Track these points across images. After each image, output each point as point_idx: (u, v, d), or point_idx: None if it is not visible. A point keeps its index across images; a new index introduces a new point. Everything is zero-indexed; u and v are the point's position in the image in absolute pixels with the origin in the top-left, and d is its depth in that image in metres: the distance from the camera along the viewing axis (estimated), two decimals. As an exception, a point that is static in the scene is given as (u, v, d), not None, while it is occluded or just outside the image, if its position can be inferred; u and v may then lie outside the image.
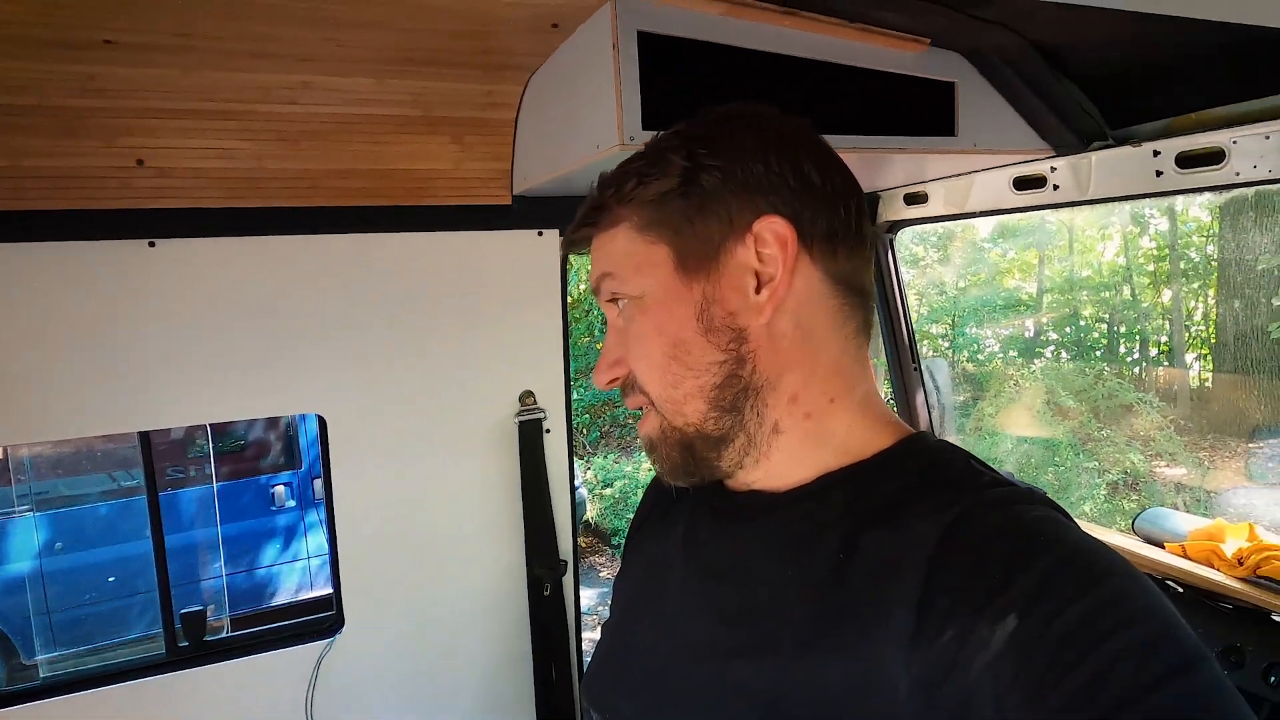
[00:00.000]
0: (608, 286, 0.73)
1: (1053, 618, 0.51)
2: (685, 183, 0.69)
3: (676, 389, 0.70)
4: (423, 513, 1.74)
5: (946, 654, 0.55)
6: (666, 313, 0.70)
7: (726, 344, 0.69)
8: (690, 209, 0.69)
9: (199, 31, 1.17)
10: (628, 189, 0.71)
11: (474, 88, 1.47)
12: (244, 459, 5.80)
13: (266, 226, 1.52)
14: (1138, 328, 10.46)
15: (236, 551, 5.43)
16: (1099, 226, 10.61)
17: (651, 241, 0.70)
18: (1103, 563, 0.55)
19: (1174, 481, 7.43)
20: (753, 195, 0.68)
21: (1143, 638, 0.49)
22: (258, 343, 1.56)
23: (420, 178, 1.59)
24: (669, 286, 0.70)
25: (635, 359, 0.73)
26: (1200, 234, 9.95)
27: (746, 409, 0.70)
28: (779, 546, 0.70)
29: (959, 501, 0.61)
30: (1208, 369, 9.24)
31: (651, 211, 0.70)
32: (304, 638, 1.67)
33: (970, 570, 0.57)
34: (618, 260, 0.72)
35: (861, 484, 0.69)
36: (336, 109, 1.43)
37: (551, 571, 1.81)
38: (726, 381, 0.69)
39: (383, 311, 1.66)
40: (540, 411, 1.80)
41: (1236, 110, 1.31)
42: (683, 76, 1.19)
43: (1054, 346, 10.99)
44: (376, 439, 1.68)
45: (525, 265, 1.75)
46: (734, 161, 0.69)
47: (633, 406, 0.75)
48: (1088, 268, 11.23)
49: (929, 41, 1.35)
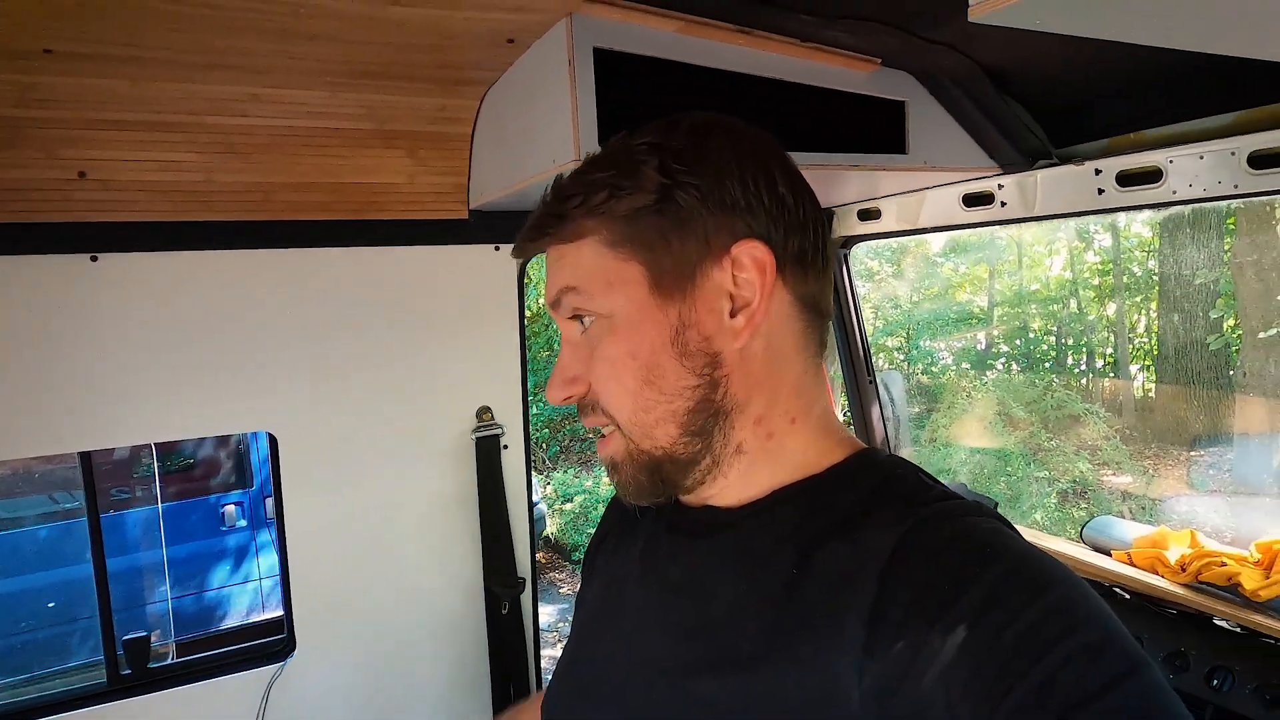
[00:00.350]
0: (571, 302, 0.70)
1: (1002, 628, 0.52)
2: (662, 199, 0.66)
3: (648, 414, 0.68)
4: (377, 532, 1.71)
5: (898, 665, 0.56)
6: (640, 335, 0.67)
7: (701, 368, 0.67)
8: (666, 227, 0.66)
9: (145, 42, 1.14)
10: (598, 200, 0.67)
11: (429, 101, 1.46)
12: (193, 478, 5.66)
13: (215, 241, 1.48)
14: (1084, 340, 10.77)
15: (184, 574, 5.27)
16: (1046, 242, 10.92)
17: (623, 258, 0.67)
18: (1048, 572, 0.56)
19: (1120, 489, 7.63)
20: (730, 216, 0.67)
21: (1086, 643, 0.51)
22: (206, 360, 1.52)
23: (374, 192, 1.57)
24: (643, 307, 0.67)
25: (602, 380, 0.70)
26: (1142, 249, 10.29)
27: (715, 432, 0.69)
28: (734, 561, 0.71)
29: (911, 515, 0.62)
30: (1151, 380, 9.54)
31: (624, 227, 0.67)
32: (253, 662, 1.62)
33: (921, 582, 0.58)
34: (584, 275, 0.69)
35: (814, 498, 0.69)
36: (288, 121, 1.41)
37: (510, 589, 1.79)
38: (699, 406, 0.68)
39: (336, 327, 1.63)
40: (498, 428, 1.79)
41: (1172, 131, 1.36)
42: (638, 93, 1.20)
43: (1005, 359, 11.26)
44: (329, 457, 1.65)
45: (482, 280, 1.74)
46: (712, 180, 0.67)
47: (592, 425, 0.73)
48: (1036, 282, 11.54)
49: (880, 61, 1.38)
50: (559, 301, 0.71)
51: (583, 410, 0.73)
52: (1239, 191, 1.27)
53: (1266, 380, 7.13)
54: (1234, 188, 1.27)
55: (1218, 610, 1.44)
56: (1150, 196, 1.39)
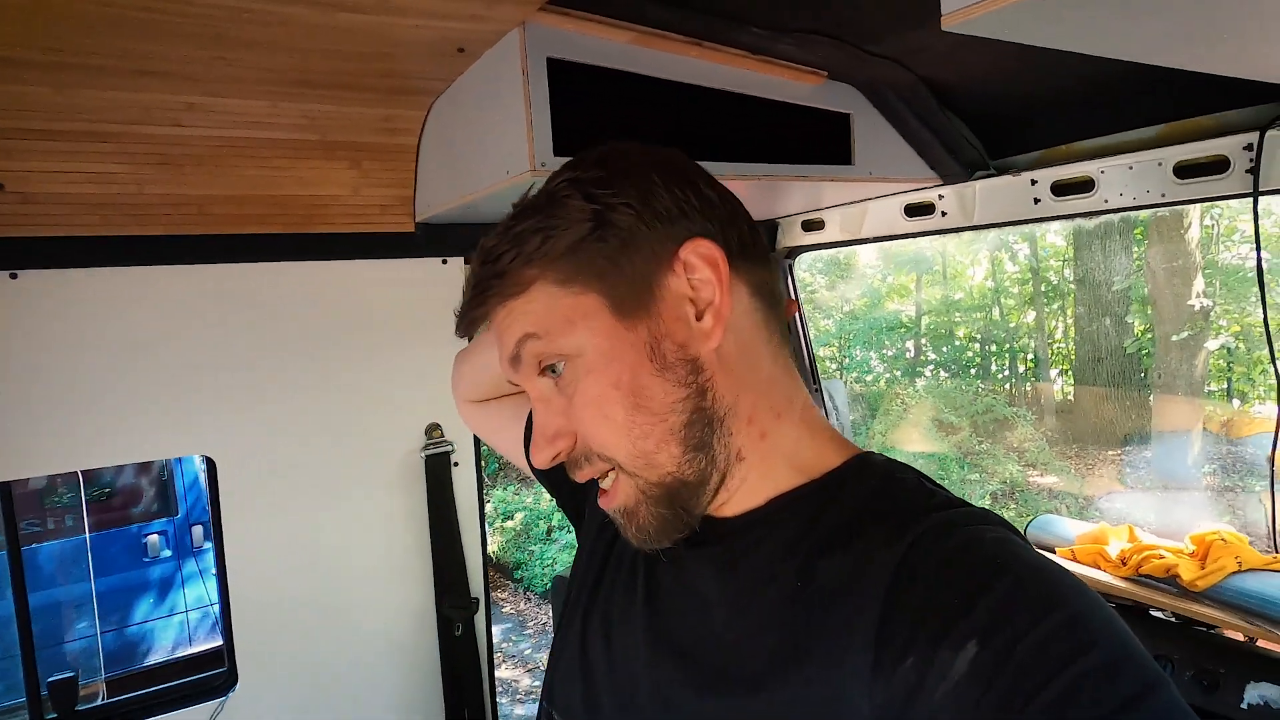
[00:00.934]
0: (533, 350, 0.67)
1: (1014, 643, 0.51)
2: (597, 225, 0.65)
3: (647, 439, 0.66)
4: (323, 556, 1.65)
5: (908, 682, 0.54)
6: (617, 363, 0.65)
7: (685, 378, 0.66)
8: (612, 251, 0.65)
9: (71, 46, 1.08)
10: (531, 247, 0.65)
11: (373, 112, 1.43)
12: (112, 508, 5.38)
13: (147, 256, 1.41)
14: (1007, 346, 11.19)
15: (107, 608, 4.99)
16: (969, 252, 11.33)
17: (577, 293, 0.65)
18: (1060, 585, 0.55)
19: (1046, 488, 7.94)
20: (669, 224, 0.66)
21: (1103, 662, 0.49)
22: (138, 382, 1.44)
23: (316, 204, 1.52)
24: (611, 334, 0.65)
25: (591, 424, 0.67)
26: (1057, 258, 10.76)
27: (715, 442, 0.67)
28: (734, 576, 0.69)
29: (914, 525, 0.61)
30: (1070, 383, 9.97)
31: (568, 263, 0.65)
32: (192, 699, 1.53)
33: (928, 596, 0.56)
34: (540, 319, 0.66)
35: (814, 507, 0.68)
36: (225, 132, 1.36)
37: (463, 611, 1.75)
38: (693, 417, 0.66)
39: (277, 345, 1.57)
40: (448, 444, 1.74)
41: (1101, 143, 1.42)
42: (592, 103, 1.20)
43: (934, 365, 11.62)
44: (271, 481, 1.58)
45: (430, 294, 1.70)
46: (640, 195, 0.66)
47: (586, 478, 0.70)
48: (960, 290, 11.96)
49: (826, 75, 1.41)
50: (518, 355, 0.68)
51: (574, 465, 0.70)
52: (1166, 200, 1.33)
53: (1179, 380, 7.53)
54: (1161, 196, 1.34)
55: (1155, 601, 1.49)
56: (1083, 205, 1.45)
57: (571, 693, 0.80)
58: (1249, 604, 1.38)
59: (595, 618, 0.81)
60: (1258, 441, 7.30)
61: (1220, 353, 7.96)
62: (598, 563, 0.85)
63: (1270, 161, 1.20)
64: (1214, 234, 8.11)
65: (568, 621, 0.85)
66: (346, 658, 1.68)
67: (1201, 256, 7.63)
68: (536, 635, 6.43)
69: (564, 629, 0.85)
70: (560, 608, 2.05)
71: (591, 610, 0.82)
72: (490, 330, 0.72)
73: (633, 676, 0.73)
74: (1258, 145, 1.20)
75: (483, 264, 0.69)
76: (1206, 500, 7.01)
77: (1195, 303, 7.39)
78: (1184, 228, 7.32)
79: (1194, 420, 7.54)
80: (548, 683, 0.84)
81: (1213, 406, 7.90)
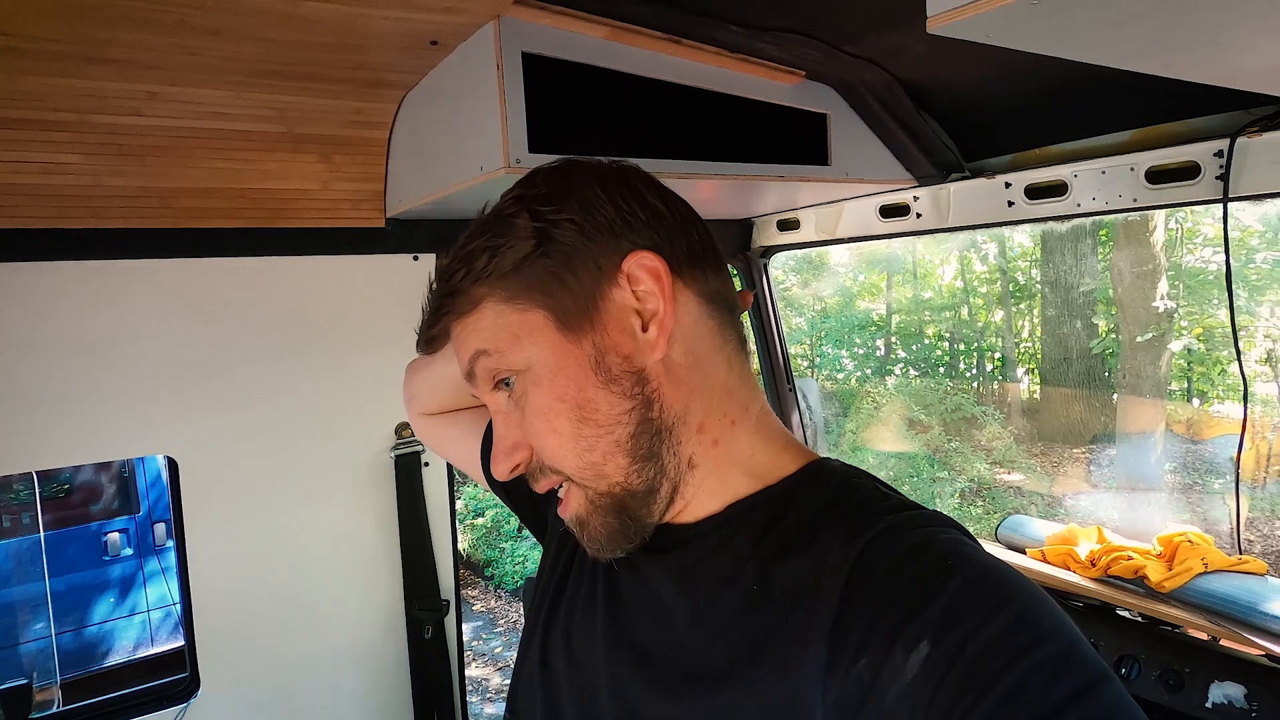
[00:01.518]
0: (485, 366, 0.68)
1: (964, 642, 0.52)
2: (541, 242, 0.66)
3: (593, 451, 0.66)
4: (289, 558, 1.61)
5: (861, 682, 0.55)
6: (563, 377, 0.66)
7: (630, 390, 0.66)
8: (555, 266, 0.66)
9: (23, 31, 1.04)
10: (479, 266, 0.67)
11: (343, 104, 1.40)
12: (70, 505, 5.25)
13: (104, 250, 1.37)
14: (975, 345, 11.34)
15: (64, 608, 4.87)
16: (939, 252, 11.46)
17: (523, 309, 0.67)
18: (1009, 584, 0.56)
19: (1013, 486, 8.05)
20: (611, 237, 0.67)
21: (1050, 656, 0.50)
22: (95, 379, 1.39)
23: (283, 198, 1.49)
24: (556, 349, 0.66)
25: (540, 436, 0.68)
26: (1024, 259, 10.92)
27: (664, 452, 0.68)
28: (693, 581, 0.69)
29: (868, 528, 0.62)
30: (1037, 383, 10.13)
31: (514, 280, 0.66)
32: (152, 705, 1.49)
33: (882, 598, 0.57)
34: (489, 336, 0.68)
35: (771, 512, 0.68)
36: (188, 122, 1.31)
37: (433, 613, 1.72)
38: (639, 429, 0.66)
39: (241, 342, 1.53)
40: (418, 444, 1.71)
41: (1074, 147, 1.43)
42: (568, 99, 1.18)
43: (903, 364, 11.74)
44: (235, 481, 1.54)
45: (400, 291, 1.66)
46: (582, 210, 0.67)
47: (545, 489, 0.71)
48: (930, 289, 12.10)
49: (804, 75, 1.40)
50: (472, 371, 0.70)
51: (533, 476, 0.71)
52: (1138, 205, 1.34)
53: (1144, 381, 7.67)
54: (1133, 201, 1.35)
55: (1122, 601, 1.51)
56: (1056, 209, 1.46)
57: (533, 701, 0.79)
58: (1214, 605, 1.40)
59: (556, 626, 0.81)
60: (1220, 443, 7.48)
61: (1182, 354, 8.13)
62: (560, 572, 0.85)
63: (1240, 168, 1.21)
64: (1177, 237, 8.28)
65: (530, 631, 0.85)
66: (313, 661, 1.64)
67: (1166, 259, 7.78)
68: (507, 633, 6.40)
69: (526, 638, 0.85)
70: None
71: (553, 619, 0.82)
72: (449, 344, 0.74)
73: (594, 682, 0.73)
74: (1228, 152, 1.21)
75: (438, 282, 0.71)
76: (1169, 500, 7.16)
77: (1160, 304, 7.53)
78: (1149, 230, 7.45)
79: (1158, 420, 7.69)
80: (511, 692, 0.83)
81: (1174, 407, 8.07)
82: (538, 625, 0.84)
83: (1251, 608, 1.35)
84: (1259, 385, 7.93)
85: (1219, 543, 1.56)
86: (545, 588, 0.86)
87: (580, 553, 0.82)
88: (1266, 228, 7.13)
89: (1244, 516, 4.99)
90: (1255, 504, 6.68)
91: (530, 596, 2.03)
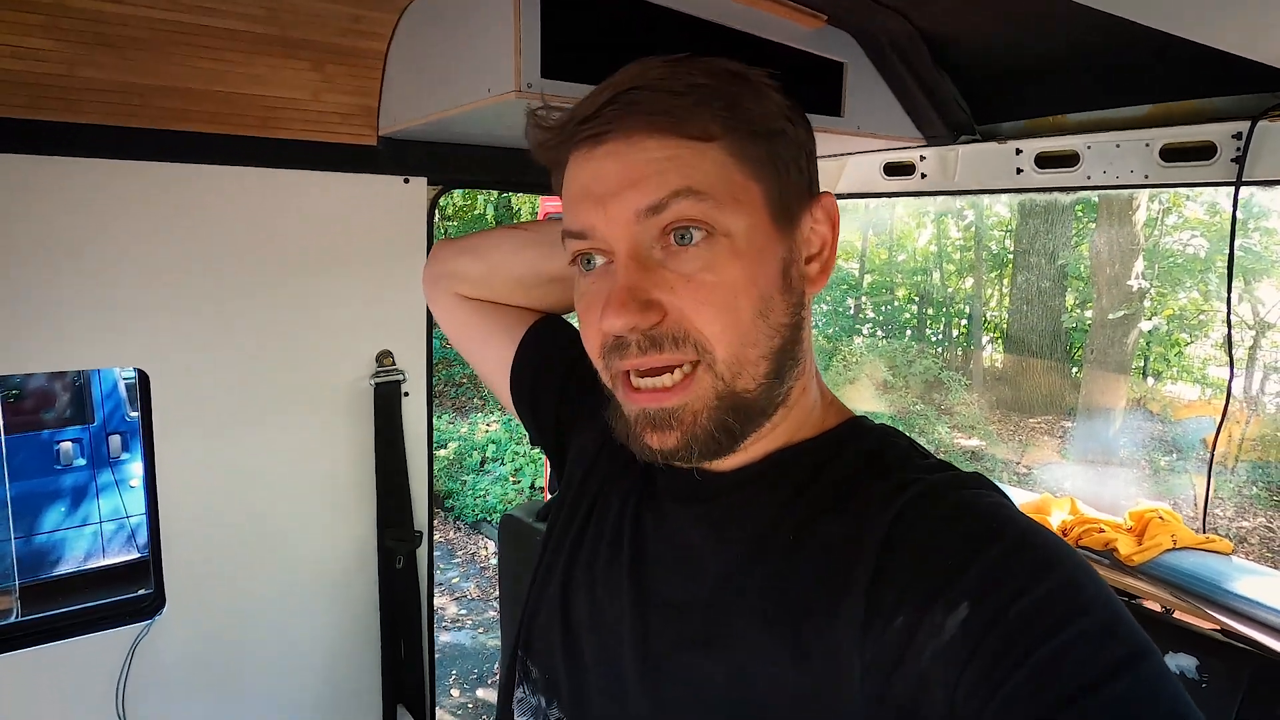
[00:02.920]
0: (688, 210, 0.59)
1: (1006, 606, 0.51)
2: (790, 125, 0.65)
3: (755, 348, 0.63)
4: (261, 481, 1.57)
5: (899, 641, 0.54)
6: (763, 262, 0.63)
7: (794, 308, 0.66)
8: (789, 158, 0.65)
9: (-3, -102, 0.95)
10: (726, 106, 0.61)
11: (340, 9, 1.31)
12: (21, 410, 5.12)
13: (77, 146, 1.28)
14: (943, 311, 11.45)
15: (15, 514, 4.79)
16: (916, 215, 11.47)
17: (748, 176, 0.62)
18: (1054, 551, 0.55)
19: (970, 450, 8.25)
20: (814, 168, 0.69)
21: (1094, 627, 0.50)
22: (62, 282, 1.32)
23: (270, 106, 1.40)
24: (766, 233, 0.63)
25: (710, 308, 0.60)
26: (1000, 228, 10.98)
27: (790, 377, 0.67)
28: (728, 532, 0.68)
29: (910, 487, 0.61)
30: (1000, 351, 10.30)
31: (752, 144, 0.62)
32: (115, 620, 1.46)
33: (922, 557, 0.56)
34: (710, 182, 0.60)
35: (809, 465, 0.67)
36: (171, 14, 1.23)
37: (405, 544, 1.70)
38: (787, 347, 0.65)
39: (219, 255, 1.46)
40: (399, 373, 1.67)
41: (1090, 117, 1.41)
42: (585, 24, 1.12)
43: (871, 324, 11.84)
44: (208, 398, 1.49)
45: (388, 214, 1.60)
46: (809, 132, 0.68)
47: (656, 365, 0.62)
48: (904, 252, 12.15)
49: (826, 19, 1.35)
50: (665, 205, 0.59)
51: (651, 343, 0.61)
52: (1149, 182, 1.33)
53: (1110, 358, 7.84)
54: (1145, 177, 1.33)
55: (1087, 572, 1.55)
56: (1066, 180, 1.44)
57: (551, 645, 0.77)
58: (1176, 579, 1.45)
59: (578, 572, 0.79)
60: (1190, 424, 7.71)
61: (1148, 334, 8.31)
62: (580, 517, 0.82)
63: (1257, 152, 1.20)
64: (1157, 218, 8.38)
65: (547, 572, 0.82)
66: (281, 586, 1.62)
67: (1145, 239, 7.88)
68: (465, 564, 6.45)
69: (542, 580, 0.82)
70: (514, 548, 2.02)
71: (574, 566, 0.80)
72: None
73: (617, 631, 0.71)
74: (1247, 134, 1.20)
75: (650, 88, 0.60)
76: (1126, 475, 7.40)
77: (1134, 284, 7.65)
78: (1133, 209, 7.52)
79: (1120, 396, 7.90)
80: (524, 634, 0.81)
81: (1133, 384, 8.28)
82: (556, 570, 0.81)
83: (1214, 585, 1.39)
84: (1213, 370, 8.15)
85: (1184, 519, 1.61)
86: (563, 531, 0.83)
87: (602, 499, 0.80)
88: (1246, 215, 7.24)
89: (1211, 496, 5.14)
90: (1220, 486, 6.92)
91: (510, 532, 2.02)
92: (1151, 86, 1.32)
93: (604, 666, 0.72)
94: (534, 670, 0.78)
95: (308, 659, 1.67)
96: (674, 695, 0.65)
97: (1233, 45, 0.90)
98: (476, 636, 5.28)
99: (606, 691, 0.71)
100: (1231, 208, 1.27)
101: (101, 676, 1.43)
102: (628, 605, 0.71)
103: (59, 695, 1.41)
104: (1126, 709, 0.47)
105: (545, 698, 0.76)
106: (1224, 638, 1.38)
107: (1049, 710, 0.47)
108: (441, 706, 4.54)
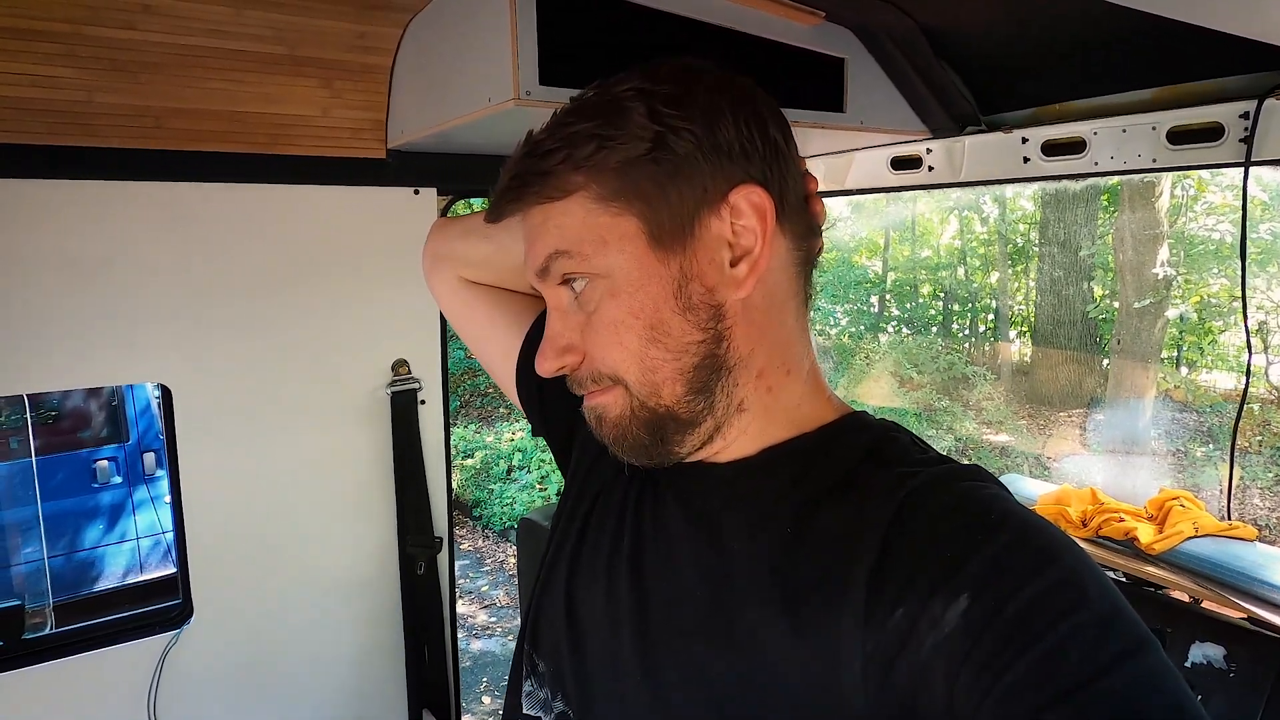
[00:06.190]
0: (562, 267, 0.65)
1: (1006, 598, 0.51)
2: (656, 146, 0.62)
3: (655, 374, 0.64)
4: (283, 491, 1.61)
5: (899, 633, 0.54)
6: (642, 293, 0.63)
7: (705, 322, 0.64)
8: (663, 177, 0.62)
9: (12, -68, 0.99)
10: (584, 153, 0.62)
11: (346, 27, 1.35)
12: (59, 431, 5.23)
13: (97, 170, 1.32)
14: (969, 306, 11.33)
15: (54, 533, 4.90)
16: (939, 211, 11.37)
17: (617, 213, 0.63)
18: (1054, 543, 0.55)
19: (1000, 446, 8.14)
20: (727, 162, 0.63)
21: (1095, 619, 0.50)
22: (87, 302, 1.36)
23: (281, 123, 1.44)
24: (643, 263, 0.63)
25: (604, 347, 0.65)
26: (1025, 222, 10.85)
27: (718, 390, 0.66)
28: (727, 524, 0.68)
29: (910, 479, 0.61)
30: (1028, 346, 10.16)
31: (615, 179, 0.62)
32: (145, 630, 1.50)
33: (922, 549, 0.56)
34: (575, 236, 0.64)
35: (808, 459, 0.67)
36: (184, 39, 1.27)
37: (426, 550, 1.73)
38: (704, 361, 0.64)
39: (236, 271, 1.50)
40: (415, 382, 1.70)
41: (1095, 103, 1.40)
42: (582, 30, 1.13)
43: (896, 322, 11.74)
44: (230, 411, 1.53)
45: (399, 225, 1.63)
46: (706, 124, 0.63)
47: (588, 392, 0.69)
48: (928, 248, 12.04)
49: (824, 16, 1.35)
50: (547, 268, 0.66)
51: (578, 382, 0.69)
52: (1157, 165, 1.32)
53: (1138, 347, 7.70)
54: (1153, 161, 1.32)
55: (1110, 562, 1.53)
56: (1073, 167, 1.43)
57: (556, 639, 0.78)
58: (1202, 568, 1.42)
59: (581, 565, 0.79)
60: (1211, 411, 7.56)
61: (1175, 321, 8.15)
62: (584, 510, 0.83)
63: (1265, 131, 1.18)
64: (1181, 204, 8.23)
65: (551, 567, 0.83)
66: (306, 594, 1.66)
67: (1169, 225, 7.74)
68: (494, 572, 6.49)
69: (548, 575, 0.83)
70: (532, 550, 2.03)
71: (577, 558, 0.80)
72: (518, 221, 0.70)
73: (618, 623, 0.72)
74: (1254, 113, 1.19)
75: (527, 156, 0.65)
76: (1154, 464, 7.26)
77: (1159, 271, 7.52)
78: (1155, 195, 7.40)
79: (1149, 386, 7.75)
80: (531, 627, 0.82)
81: (1164, 374, 8.13)
82: (561, 562, 0.82)
83: (1239, 572, 1.37)
84: (1246, 357, 7.97)
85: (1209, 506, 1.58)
86: (568, 524, 0.84)
87: (606, 491, 0.81)
88: (1271, 199, 7.08)
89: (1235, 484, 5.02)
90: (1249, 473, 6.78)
91: (528, 536, 2.03)
92: (1156, 70, 1.30)
93: (606, 659, 0.72)
94: (540, 664, 0.79)
95: (333, 665, 1.70)
96: (675, 687, 0.66)
97: (1234, 25, 0.89)
98: (506, 644, 5.31)
99: (609, 684, 0.71)
100: (1241, 189, 1.25)
101: (132, 685, 1.47)
102: (628, 598, 0.72)
103: (92, 704, 1.45)
104: (1126, 702, 0.47)
105: (551, 691, 0.77)
106: (1252, 626, 1.36)
107: (1048, 703, 0.47)
108: (473, 714, 4.57)
